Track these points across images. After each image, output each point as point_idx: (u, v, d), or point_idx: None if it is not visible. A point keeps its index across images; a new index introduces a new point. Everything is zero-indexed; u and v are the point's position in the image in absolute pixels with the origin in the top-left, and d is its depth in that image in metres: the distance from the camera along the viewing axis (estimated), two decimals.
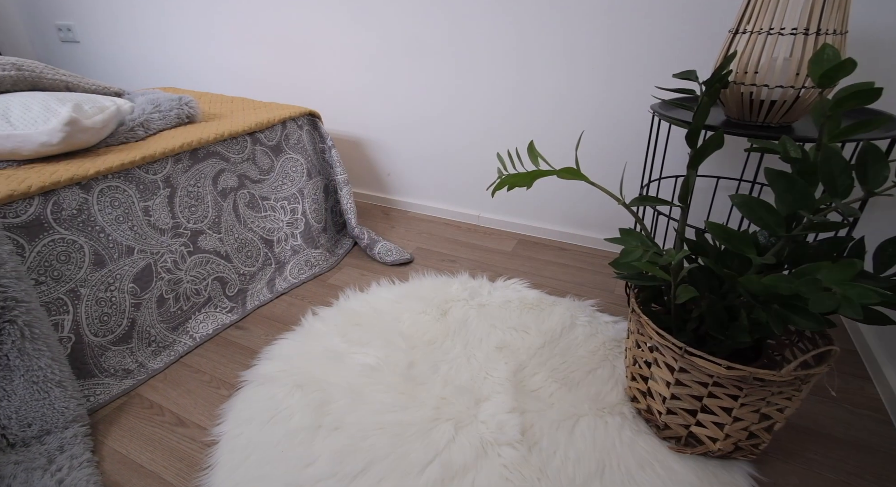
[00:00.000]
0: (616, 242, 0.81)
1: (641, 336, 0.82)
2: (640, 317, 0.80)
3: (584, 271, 1.39)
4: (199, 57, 1.97)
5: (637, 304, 0.83)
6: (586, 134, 1.41)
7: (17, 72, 1.25)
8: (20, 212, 0.87)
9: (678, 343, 0.72)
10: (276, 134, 1.38)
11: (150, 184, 1.07)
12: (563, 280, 1.35)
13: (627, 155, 1.39)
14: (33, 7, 2.28)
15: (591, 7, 1.25)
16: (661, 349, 0.76)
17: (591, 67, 1.32)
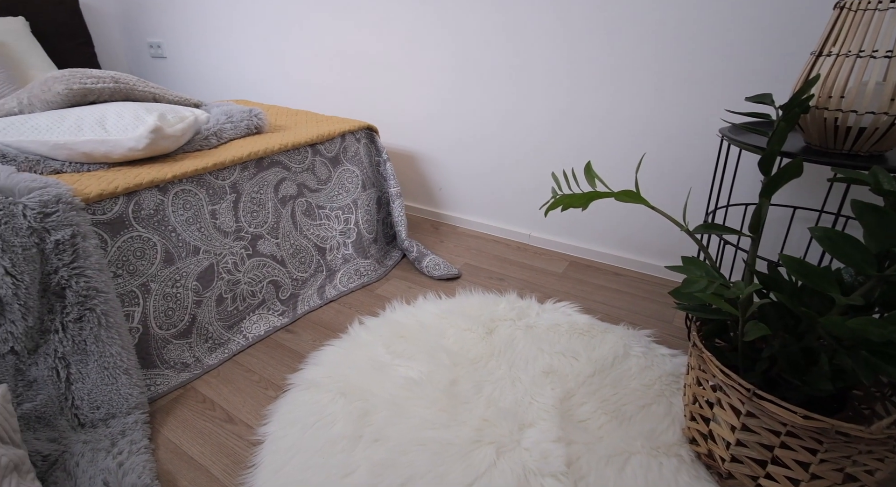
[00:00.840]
0: (678, 270, 0.78)
1: (703, 373, 0.78)
2: (702, 352, 0.76)
3: (639, 299, 1.35)
4: (268, 72, 2.14)
5: (699, 338, 0.79)
6: (648, 157, 1.38)
7: (115, 84, 1.41)
8: (106, 210, 0.97)
9: (746, 384, 0.67)
10: (335, 146, 1.46)
11: (219, 189, 1.16)
12: (617, 307, 1.30)
13: (692, 180, 1.34)
14: (130, 27, 2.57)
15: (656, 26, 1.24)
16: (726, 389, 0.71)
17: (655, 88, 1.30)
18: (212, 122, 1.34)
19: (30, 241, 0.83)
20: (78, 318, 0.86)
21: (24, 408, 0.77)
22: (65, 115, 1.13)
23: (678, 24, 1.22)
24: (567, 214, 1.60)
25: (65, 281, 0.86)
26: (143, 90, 1.45)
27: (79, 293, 0.86)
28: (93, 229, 0.93)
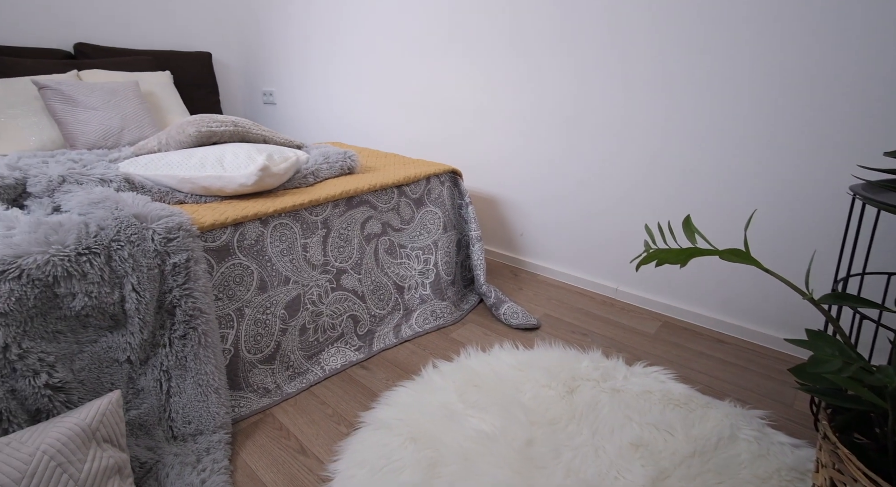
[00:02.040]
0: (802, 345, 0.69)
1: (840, 475, 0.66)
2: (837, 449, 0.66)
3: (748, 373, 1.21)
4: (363, 117, 2.36)
5: (832, 430, 0.68)
6: (759, 213, 1.28)
7: (234, 127, 1.63)
8: (216, 238, 1.10)
9: None
10: (420, 188, 1.54)
11: (312, 224, 1.27)
12: (721, 379, 1.18)
13: (816, 242, 1.22)
14: (249, 77, 3.01)
15: (772, 69, 1.19)
16: None
17: (770, 136, 1.23)
18: (311, 162, 1.49)
19: (154, 262, 0.96)
20: (183, 335, 0.96)
21: (130, 415, 0.87)
22: (192, 153, 1.33)
23: (799, 63, 1.16)
24: (661, 270, 1.51)
25: (176, 300, 0.97)
26: (256, 133, 1.66)
27: (186, 312, 0.97)
28: (203, 255, 1.06)
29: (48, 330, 0.82)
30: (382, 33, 2.11)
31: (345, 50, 2.31)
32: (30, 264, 0.81)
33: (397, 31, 2.05)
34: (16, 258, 0.81)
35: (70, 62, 2.16)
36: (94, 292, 0.87)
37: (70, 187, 1.13)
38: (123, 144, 1.92)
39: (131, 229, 0.95)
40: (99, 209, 0.98)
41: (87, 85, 1.96)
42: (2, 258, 0.80)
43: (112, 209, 0.99)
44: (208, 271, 1.06)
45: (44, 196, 1.10)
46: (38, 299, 0.81)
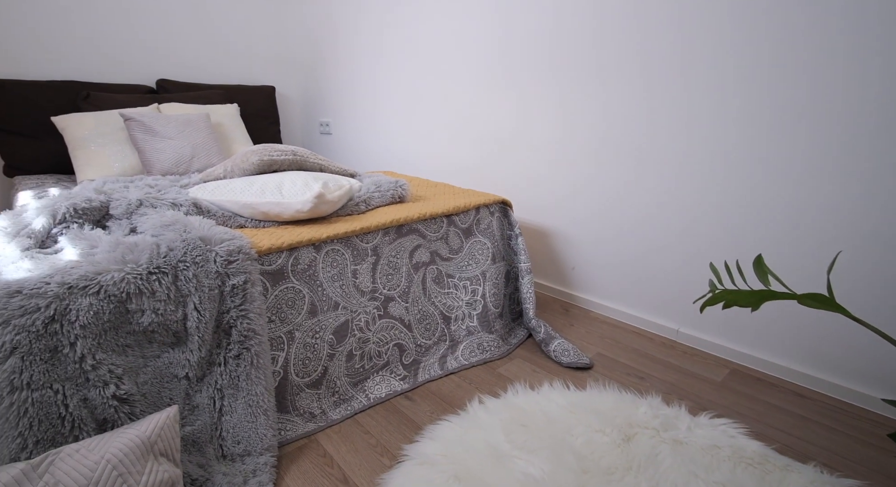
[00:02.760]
0: None
1: None
2: None
3: (837, 435, 1.09)
4: (413, 147, 2.45)
5: None
6: (847, 253, 1.19)
7: (293, 156, 1.75)
8: (272, 261, 1.16)
9: None
10: (469, 218, 1.56)
11: (362, 251, 1.31)
12: (803, 439, 1.07)
13: None
14: (308, 109, 3.23)
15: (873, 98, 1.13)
16: None
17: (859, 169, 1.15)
18: (363, 190, 1.56)
19: (215, 283, 1.03)
20: (237, 355, 1.01)
21: (185, 430, 0.91)
22: (254, 180, 1.43)
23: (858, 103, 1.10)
24: (729, 312, 1.42)
25: (233, 321, 1.03)
26: (313, 162, 1.76)
27: (241, 333, 1.02)
28: (260, 278, 1.12)
29: (118, 344, 0.89)
30: (433, 65, 2.21)
31: (397, 82, 2.44)
32: (108, 281, 0.89)
33: (447, 63, 2.14)
34: (96, 275, 0.89)
35: (152, 96, 2.41)
36: (161, 309, 0.94)
37: (146, 210, 1.24)
38: (193, 170, 2.10)
39: (197, 251, 1.03)
40: (169, 232, 1.07)
41: (165, 117, 2.17)
42: (85, 274, 0.89)
43: (181, 232, 1.07)
44: (263, 294, 1.11)
45: (123, 218, 1.22)
46: (112, 313, 0.89)
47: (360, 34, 2.61)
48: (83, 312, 0.85)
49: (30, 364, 0.76)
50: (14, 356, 0.75)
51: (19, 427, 0.73)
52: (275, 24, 3.09)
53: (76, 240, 1.04)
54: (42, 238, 1.06)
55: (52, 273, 0.87)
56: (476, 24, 1.97)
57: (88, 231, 1.10)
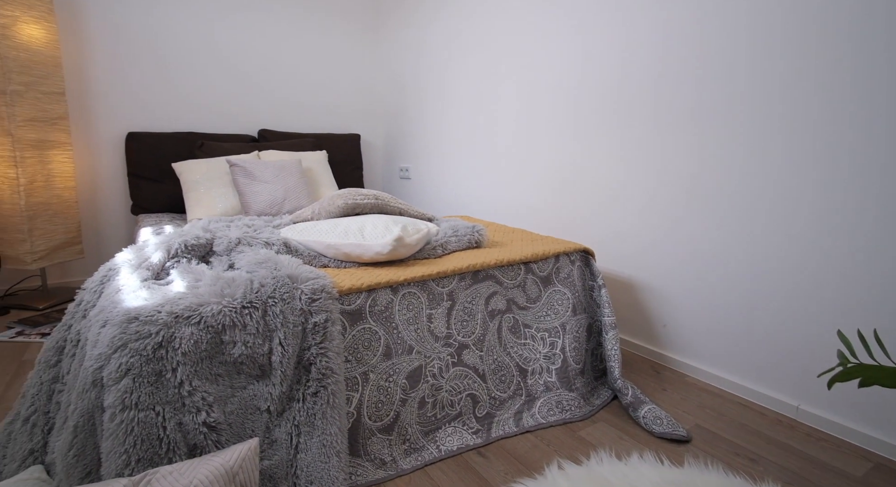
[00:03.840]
0: None
1: None
2: None
3: None
4: (490, 192, 2.51)
5: None
6: None
7: (375, 200, 1.86)
8: (352, 301, 1.22)
9: None
10: (548, 266, 1.54)
11: (438, 295, 1.34)
12: None
13: None
14: (389, 155, 3.46)
15: None
16: None
17: None
18: (440, 234, 1.61)
19: (299, 320, 1.10)
20: (314, 393, 1.06)
21: (263, 464, 0.95)
22: (338, 222, 1.53)
23: None
24: (869, 392, 1.23)
25: (313, 358, 1.08)
26: (393, 206, 1.87)
27: (320, 370, 1.07)
28: (339, 317, 1.17)
29: (211, 372, 0.97)
30: (510, 112, 2.29)
31: (473, 128, 2.55)
32: (207, 313, 0.99)
33: (524, 110, 2.21)
34: (198, 306, 1.00)
35: (254, 145, 2.73)
36: (250, 342, 1.02)
37: (243, 247, 1.38)
38: (285, 211, 2.31)
39: (285, 288, 1.11)
40: (262, 269, 1.18)
41: (263, 163, 2.43)
42: (189, 305, 0.99)
43: (272, 269, 1.17)
44: (342, 333, 1.17)
45: (224, 254, 1.36)
46: (209, 343, 0.98)
47: (437, 85, 2.79)
48: (185, 340, 0.94)
49: (139, 386, 0.86)
50: (127, 376, 0.85)
51: (125, 445, 0.81)
52: (361, 79, 3.42)
53: (184, 273, 1.18)
54: (158, 270, 1.21)
55: (163, 303, 0.99)
56: (553, 70, 2.04)
57: (195, 266, 1.24)
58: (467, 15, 2.50)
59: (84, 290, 1.22)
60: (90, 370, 0.87)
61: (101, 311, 1.01)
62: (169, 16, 2.68)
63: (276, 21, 3.02)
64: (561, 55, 2.01)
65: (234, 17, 2.87)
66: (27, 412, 1.10)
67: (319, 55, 3.21)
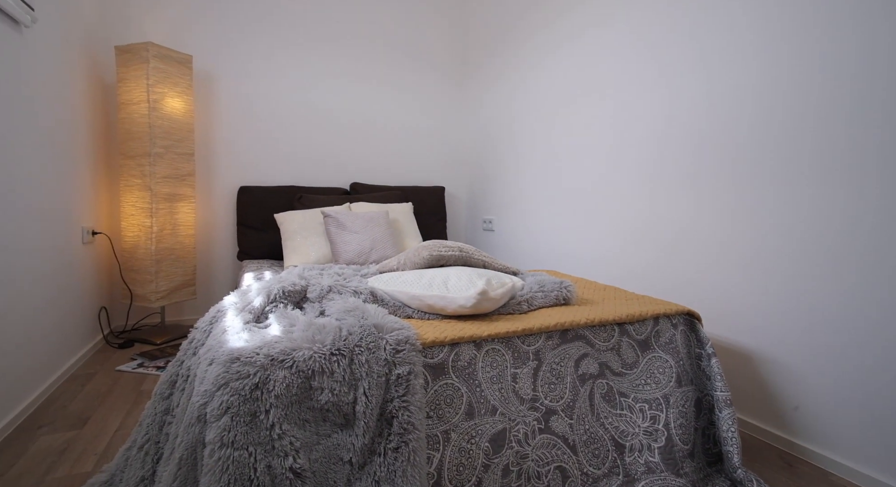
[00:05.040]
0: None
1: None
2: None
3: None
4: (578, 247, 2.46)
5: None
6: None
7: (459, 252, 1.91)
8: (434, 355, 1.22)
9: None
10: (645, 328, 1.45)
11: (523, 354, 1.30)
12: None
13: None
14: (472, 207, 3.56)
15: None
16: None
17: None
18: (526, 289, 1.59)
19: (383, 370, 1.12)
20: (396, 448, 1.05)
21: None
22: (423, 274, 1.58)
23: None
24: None
25: (395, 411, 1.09)
26: (477, 258, 1.89)
27: (402, 425, 1.07)
28: (422, 370, 1.18)
29: (300, 418, 1.02)
30: (598, 163, 2.27)
31: (559, 181, 2.55)
32: (299, 357, 1.05)
33: (614, 161, 2.17)
34: (292, 351, 1.07)
35: (346, 197, 2.96)
36: (337, 389, 1.06)
37: (333, 295, 1.47)
38: (371, 261, 2.44)
39: (370, 338, 1.15)
40: (350, 317, 1.24)
41: (354, 214, 2.62)
42: (284, 349, 1.06)
43: (359, 318, 1.23)
44: (424, 387, 1.17)
45: (316, 301, 1.45)
46: (299, 388, 1.03)
47: (521, 138, 2.87)
48: (278, 383, 1.00)
49: (236, 424, 0.92)
50: (227, 414, 0.92)
51: (220, 482, 0.86)
52: (446, 133, 3.63)
53: (280, 318, 1.27)
54: (258, 314, 1.32)
55: (262, 346, 1.07)
56: (644, 120, 2.01)
57: (290, 311, 1.34)
58: (551, 70, 2.59)
59: (196, 329, 1.36)
60: (196, 406, 0.95)
61: (209, 350, 1.11)
62: (275, 85, 3.10)
63: (367, 84, 3.37)
64: (653, 104, 1.99)
65: (331, 83, 3.26)
66: (142, 440, 1.22)
67: (406, 113, 3.49)
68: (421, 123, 3.53)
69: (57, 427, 1.67)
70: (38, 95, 1.94)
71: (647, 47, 2.02)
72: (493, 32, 3.20)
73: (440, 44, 3.56)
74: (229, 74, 2.96)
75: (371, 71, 3.34)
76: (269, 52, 3.06)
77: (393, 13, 3.40)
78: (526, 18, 2.82)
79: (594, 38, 2.30)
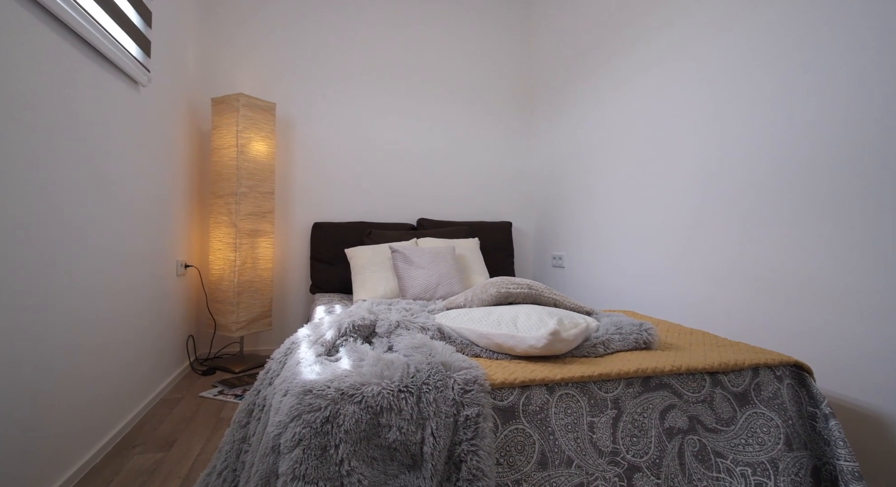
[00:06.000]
0: None
1: None
2: None
3: None
4: (658, 286, 2.32)
5: None
6: None
7: (528, 290, 1.87)
8: (504, 397, 1.18)
9: None
10: (743, 380, 1.32)
11: (600, 401, 1.23)
12: None
13: None
14: (540, 243, 3.50)
15: None
16: None
17: None
18: (601, 331, 1.52)
19: (451, 410, 1.10)
20: None
21: None
22: (491, 311, 1.56)
23: None
24: None
25: (463, 455, 1.06)
26: (547, 296, 1.84)
27: (470, 470, 1.04)
28: (491, 413, 1.15)
29: (368, 455, 1.02)
30: (680, 195, 2.15)
31: (637, 215, 2.45)
32: (368, 393, 1.06)
33: (700, 192, 2.05)
34: (361, 385, 1.08)
35: (413, 232, 3.04)
36: (405, 428, 1.05)
37: (401, 331, 1.48)
38: (437, 296, 2.45)
39: (438, 376, 1.14)
40: (418, 353, 1.24)
41: (420, 249, 2.67)
42: (353, 384, 1.08)
43: (427, 355, 1.22)
44: (493, 431, 1.13)
45: (384, 336, 1.48)
46: (368, 424, 1.03)
47: (592, 172, 2.81)
48: (348, 418, 1.01)
49: (308, 457, 0.93)
50: (299, 446, 0.94)
51: None
52: (513, 168, 3.65)
53: (350, 352, 1.30)
54: (329, 347, 1.36)
55: (333, 379, 1.09)
56: (737, 146, 1.89)
57: (359, 345, 1.37)
58: (622, 99, 2.55)
59: (272, 359, 1.43)
60: (271, 436, 0.99)
61: (284, 381, 1.16)
62: (347, 127, 3.32)
63: (433, 122, 3.51)
64: (747, 128, 1.88)
65: (398, 122, 3.44)
66: (220, 466, 1.28)
67: (472, 148, 3.57)
68: (487, 158, 3.59)
69: (148, 447, 1.79)
70: (150, 144, 2.20)
71: (736, 73, 1.94)
72: (558, 67, 3.23)
73: (505, 80, 3.65)
74: (306, 117, 3.21)
75: (437, 110, 3.49)
76: (342, 96, 3.29)
77: (458, 54, 3.55)
78: (594, 51, 2.83)
79: (675, 65, 2.25)
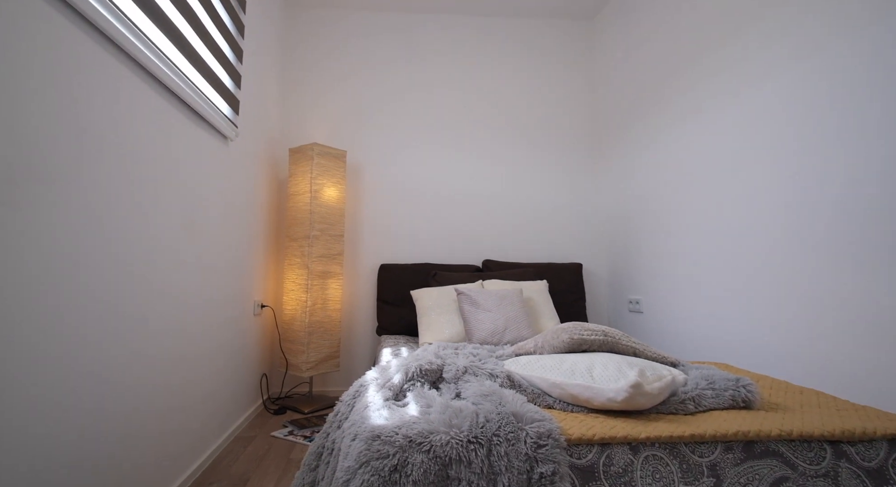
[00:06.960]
0: None
1: None
2: None
3: None
4: (755, 337, 2.11)
5: None
6: None
7: (604, 337, 1.76)
8: (582, 455, 1.10)
9: None
10: (875, 453, 1.14)
11: (695, 466, 1.10)
12: None
13: None
14: (615, 286, 3.34)
15: None
16: None
17: None
18: (690, 385, 1.39)
19: (524, 466, 1.03)
20: None
21: None
22: (564, 359, 1.48)
23: None
24: None
25: None
26: (625, 344, 1.73)
27: None
28: (568, 472, 1.06)
29: None
30: (777, 233, 1.98)
31: (723, 256, 2.27)
32: (437, 442, 1.03)
33: (799, 232, 1.87)
34: (429, 433, 1.05)
35: (478, 274, 3.02)
36: (475, 482, 1.00)
37: (469, 377, 1.44)
38: (505, 341, 2.38)
39: (509, 427, 1.09)
40: (487, 402, 1.19)
41: (486, 292, 2.63)
42: (421, 431, 1.05)
43: (496, 404, 1.17)
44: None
45: (451, 382, 1.44)
46: (436, 475, 0.99)
47: (668, 211, 2.67)
48: (416, 467, 0.98)
49: None
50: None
51: None
52: (582, 208, 3.57)
53: (418, 397, 1.28)
54: (397, 392, 1.35)
55: (400, 425, 1.07)
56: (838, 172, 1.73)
57: (427, 391, 1.34)
58: (695, 133, 2.43)
59: (341, 402, 1.43)
60: (340, 482, 0.97)
61: (353, 424, 1.15)
62: (413, 170, 3.45)
63: (498, 163, 3.54)
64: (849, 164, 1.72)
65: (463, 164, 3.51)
66: None
67: (538, 189, 3.55)
68: (553, 198, 3.54)
69: (223, 485, 1.84)
70: (237, 193, 2.40)
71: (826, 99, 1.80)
72: (626, 102, 3.18)
73: (569, 118, 3.64)
74: (374, 162, 3.38)
75: (500, 150, 3.53)
76: (409, 141, 3.44)
77: (521, 94, 3.61)
78: (662, 87, 2.76)
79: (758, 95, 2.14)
